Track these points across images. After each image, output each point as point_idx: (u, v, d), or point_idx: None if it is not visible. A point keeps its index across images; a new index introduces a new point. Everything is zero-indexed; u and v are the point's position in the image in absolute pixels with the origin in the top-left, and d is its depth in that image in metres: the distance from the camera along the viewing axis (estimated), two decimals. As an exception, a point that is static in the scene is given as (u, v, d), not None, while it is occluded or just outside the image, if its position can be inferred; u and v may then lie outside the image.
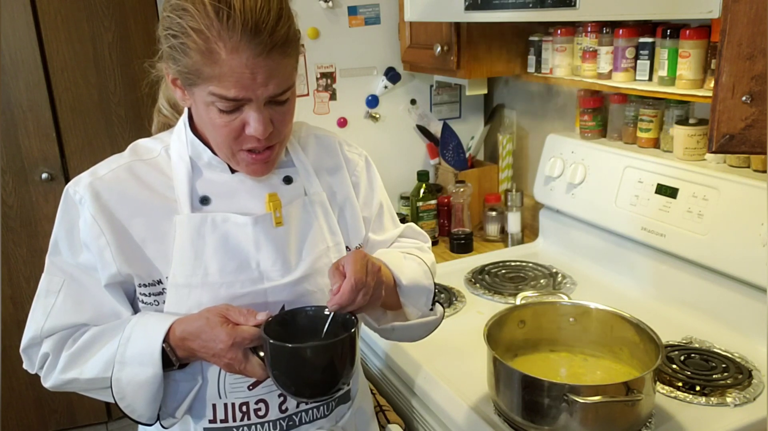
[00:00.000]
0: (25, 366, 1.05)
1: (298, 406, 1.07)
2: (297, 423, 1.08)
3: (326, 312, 0.94)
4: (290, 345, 0.89)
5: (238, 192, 1.03)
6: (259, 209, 1.02)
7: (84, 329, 1.00)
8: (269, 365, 0.92)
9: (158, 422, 1.01)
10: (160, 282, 0.99)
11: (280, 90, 0.92)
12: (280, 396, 1.05)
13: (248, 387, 1.03)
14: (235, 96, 0.89)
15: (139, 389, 0.96)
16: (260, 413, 1.04)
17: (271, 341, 0.89)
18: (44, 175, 2.71)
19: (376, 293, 0.97)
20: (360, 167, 1.16)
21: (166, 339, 0.94)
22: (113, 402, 0.98)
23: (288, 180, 1.06)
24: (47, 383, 1.02)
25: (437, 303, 1.16)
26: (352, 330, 0.93)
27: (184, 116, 1.04)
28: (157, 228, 0.99)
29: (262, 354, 0.94)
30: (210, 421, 1.04)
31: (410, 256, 1.14)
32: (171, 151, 1.03)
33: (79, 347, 0.99)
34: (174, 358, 0.95)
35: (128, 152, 1.05)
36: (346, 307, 0.93)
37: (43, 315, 1.00)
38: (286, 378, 0.92)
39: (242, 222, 1.00)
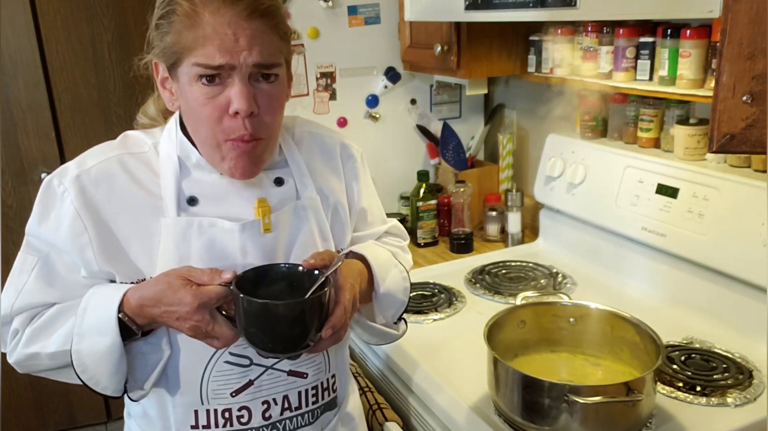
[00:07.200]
0: None
1: (282, 414, 1.05)
2: None
3: (300, 269, 0.95)
4: (282, 302, 0.88)
5: (226, 194, 1.01)
6: (248, 214, 1.00)
7: (51, 306, 1.00)
8: (243, 322, 0.88)
9: (125, 395, 0.98)
10: (143, 281, 0.97)
11: (263, 59, 0.91)
12: (263, 403, 1.03)
13: (231, 394, 1.01)
14: (219, 62, 0.89)
15: (100, 360, 0.93)
16: (243, 420, 1.03)
17: (259, 301, 0.86)
18: (44, 175, 2.71)
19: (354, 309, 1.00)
20: (358, 163, 1.16)
21: (121, 309, 0.91)
22: (77, 378, 0.96)
23: (279, 182, 1.05)
24: (11, 358, 1.02)
25: (403, 320, 1.16)
26: (325, 288, 0.91)
27: (176, 115, 1.03)
28: (143, 227, 0.98)
29: (226, 314, 0.91)
30: (192, 427, 1.03)
31: (399, 266, 1.14)
32: (160, 148, 1.02)
33: (43, 322, 0.99)
34: (135, 327, 0.92)
35: (119, 143, 1.04)
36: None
37: (14, 293, 1.00)
38: (263, 334, 0.88)
39: (229, 228, 0.98)
